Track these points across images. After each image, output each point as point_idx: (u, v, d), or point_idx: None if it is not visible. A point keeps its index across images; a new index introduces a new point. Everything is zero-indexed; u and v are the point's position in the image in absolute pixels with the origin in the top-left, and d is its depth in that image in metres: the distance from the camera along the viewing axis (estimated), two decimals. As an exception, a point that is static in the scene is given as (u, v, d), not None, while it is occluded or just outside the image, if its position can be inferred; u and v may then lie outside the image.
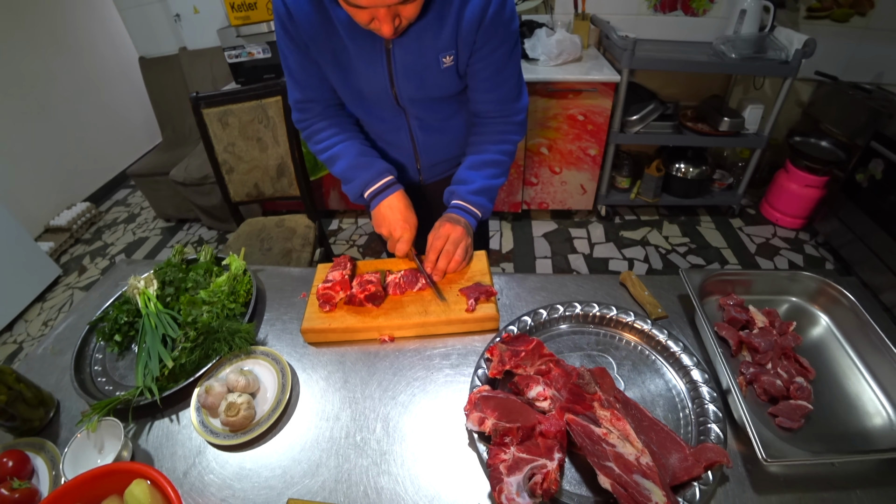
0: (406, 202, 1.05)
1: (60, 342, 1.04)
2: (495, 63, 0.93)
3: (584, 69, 2.30)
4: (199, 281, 1.04)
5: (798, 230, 2.66)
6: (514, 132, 1.05)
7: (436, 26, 0.85)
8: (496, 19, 0.85)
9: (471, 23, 0.85)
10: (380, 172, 1.05)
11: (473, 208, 1.04)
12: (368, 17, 0.76)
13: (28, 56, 3.14)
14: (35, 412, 0.85)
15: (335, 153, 1.05)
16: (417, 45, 0.88)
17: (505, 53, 0.92)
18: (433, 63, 0.90)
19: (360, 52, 0.90)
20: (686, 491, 0.64)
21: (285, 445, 0.77)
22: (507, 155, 1.06)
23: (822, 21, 2.47)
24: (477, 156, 1.05)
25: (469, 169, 1.05)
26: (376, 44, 0.88)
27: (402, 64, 0.90)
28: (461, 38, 0.87)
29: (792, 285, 0.97)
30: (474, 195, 1.03)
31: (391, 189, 1.04)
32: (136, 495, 0.62)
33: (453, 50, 0.89)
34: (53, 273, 2.77)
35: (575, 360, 0.85)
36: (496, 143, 1.05)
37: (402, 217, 1.02)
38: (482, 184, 1.03)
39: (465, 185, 1.04)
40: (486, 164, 1.04)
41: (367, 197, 1.06)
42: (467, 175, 1.05)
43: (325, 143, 1.06)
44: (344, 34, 0.88)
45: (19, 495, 0.72)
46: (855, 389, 0.80)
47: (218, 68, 2.88)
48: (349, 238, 2.88)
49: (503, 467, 0.62)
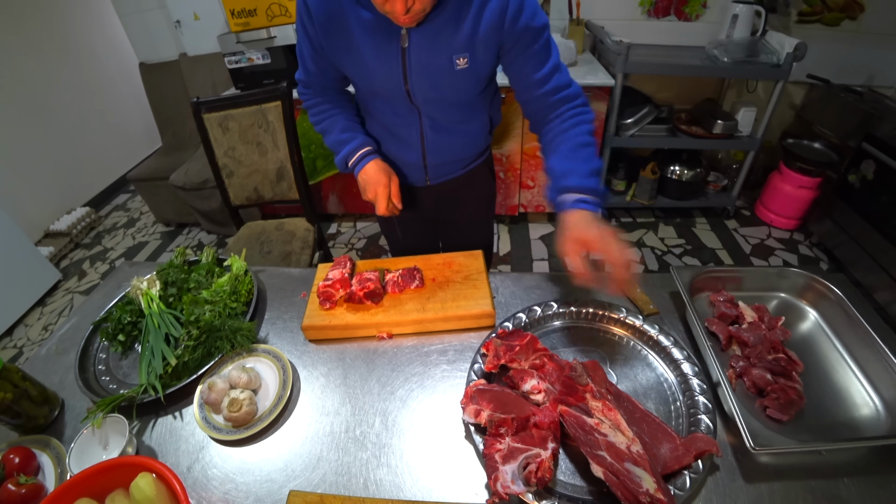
0: (379, 166, 1.09)
1: (64, 342, 1.05)
2: (534, 61, 0.92)
3: (578, 74, 2.33)
4: (201, 281, 1.06)
5: (792, 231, 2.69)
6: (585, 113, 0.97)
7: (452, 27, 0.87)
8: (516, 21, 0.86)
9: (490, 25, 0.86)
10: (359, 145, 1.10)
11: (593, 196, 0.87)
12: None
13: (29, 61, 3.17)
14: (40, 410, 0.86)
15: (324, 127, 1.13)
16: (432, 45, 0.89)
17: (541, 49, 0.91)
18: (447, 64, 0.91)
19: (376, 51, 0.91)
20: (677, 479, 0.66)
21: (287, 440, 0.79)
22: (591, 135, 0.95)
23: (814, 25, 2.51)
24: (563, 145, 0.94)
25: (565, 159, 0.92)
26: (392, 43, 0.90)
27: (416, 63, 0.92)
28: (479, 41, 0.88)
29: (781, 281, 1.00)
30: (587, 178, 0.88)
31: (367, 158, 1.10)
32: (142, 488, 0.63)
33: (468, 52, 0.90)
34: (53, 277, 2.78)
35: (569, 355, 0.87)
36: (575, 126, 0.95)
37: (375, 180, 1.07)
38: (587, 166, 0.90)
39: (570, 176, 0.89)
40: (579, 147, 0.93)
41: (351, 166, 1.12)
42: (566, 166, 0.91)
43: (319, 116, 1.14)
44: (361, 33, 0.90)
45: (26, 490, 0.73)
46: (843, 382, 0.82)
47: (218, 74, 2.91)
48: (348, 241, 2.90)
49: (499, 456, 0.64)
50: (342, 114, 1.14)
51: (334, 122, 1.12)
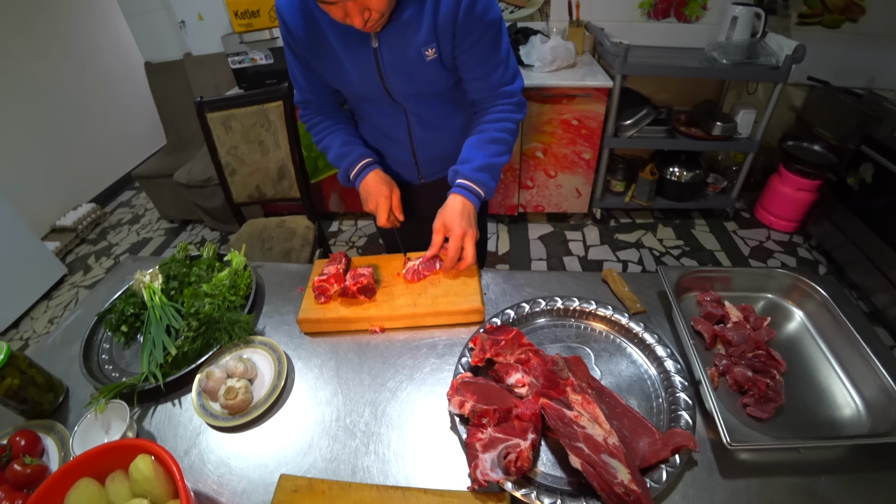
0: (379, 178, 1.13)
1: (69, 333, 1.09)
2: (480, 53, 0.97)
3: (578, 75, 2.35)
4: (201, 275, 1.09)
5: (792, 233, 2.70)
6: (512, 111, 1.07)
7: (415, 22, 0.90)
8: (469, 13, 0.89)
9: (446, 17, 0.89)
10: (358, 157, 1.14)
11: (477, 187, 1.05)
12: (342, 13, 0.81)
13: (36, 60, 3.22)
14: (45, 396, 0.89)
15: (325, 144, 1.17)
16: (400, 41, 0.93)
17: (488, 43, 0.96)
18: (417, 57, 0.95)
19: (351, 55, 0.96)
20: (654, 473, 0.68)
21: (280, 427, 0.82)
22: (509, 133, 1.07)
23: (814, 27, 2.52)
24: (478, 135, 1.07)
25: (471, 148, 1.07)
26: (363, 45, 0.94)
27: (388, 61, 0.96)
28: (440, 32, 0.92)
29: (768, 282, 1.01)
30: (477, 171, 1.05)
31: (368, 169, 1.14)
32: (141, 468, 0.66)
33: (434, 43, 0.93)
34: (59, 272, 2.83)
35: (555, 351, 0.89)
36: (496, 121, 1.07)
37: (376, 191, 1.12)
38: (484, 161, 1.05)
39: (468, 163, 1.05)
40: (488, 142, 1.06)
41: (352, 179, 1.16)
42: (470, 154, 1.06)
43: (319, 135, 1.18)
44: (334, 41, 0.94)
45: (31, 471, 0.76)
46: (826, 382, 0.83)
47: (221, 74, 2.95)
48: (349, 240, 2.94)
49: (479, 445, 0.66)
50: (341, 129, 1.17)
51: (334, 138, 1.16)
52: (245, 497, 0.72)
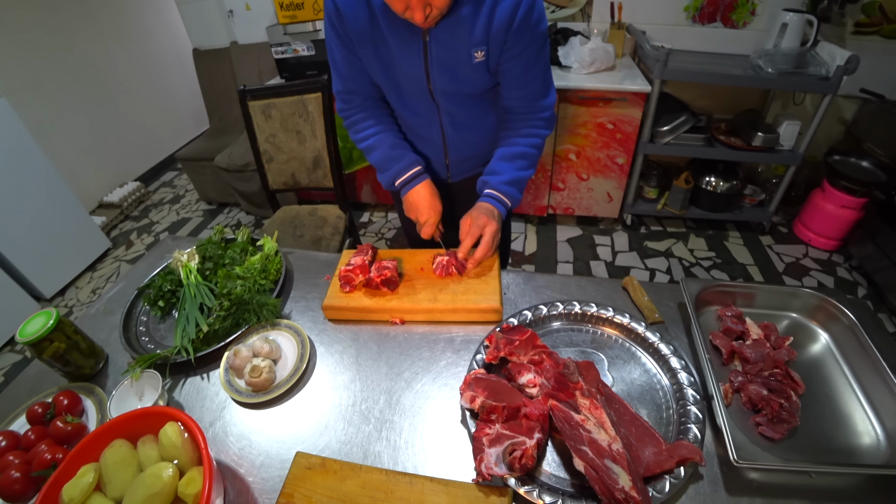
0: (432, 190, 1.16)
1: (111, 304, 1.17)
2: (524, 63, 0.99)
3: (615, 78, 2.31)
4: (235, 258, 1.15)
5: (831, 252, 2.59)
6: (542, 127, 1.11)
7: (469, 22, 0.92)
8: (525, 22, 0.91)
9: (501, 23, 0.91)
10: (409, 164, 1.16)
11: (504, 198, 1.11)
12: (403, 6, 0.83)
13: (94, 44, 3.40)
14: (87, 361, 0.97)
15: (371, 144, 1.17)
16: (451, 39, 0.94)
17: (533, 53, 0.98)
18: (465, 58, 0.96)
19: (400, 45, 0.97)
20: (657, 482, 0.68)
21: (299, 407, 0.87)
22: (536, 148, 1.12)
23: (871, 37, 2.40)
24: (507, 148, 1.12)
25: (500, 160, 1.12)
26: (414, 38, 0.95)
27: (437, 57, 0.97)
28: (492, 37, 0.93)
29: (793, 301, 0.99)
30: (506, 185, 1.10)
31: (419, 178, 1.16)
32: (169, 435, 0.71)
33: (484, 46, 0.95)
34: (104, 246, 3.00)
35: (569, 354, 0.90)
36: (525, 136, 1.11)
37: (428, 203, 1.14)
38: (513, 175, 1.10)
39: (497, 175, 1.11)
40: (516, 157, 1.11)
41: (398, 185, 1.17)
42: (499, 166, 1.12)
43: (364, 133, 1.17)
44: (386, 29, 0.96)
45: (71, 428, 0.83)
46: (846, 407, 0.81)
47: (265, 63, 3.04)
48: (378, 231, 2.99)
49: (486, 440, 0.69)
50: (389, 131, 1.18)
51: (383, 139, 1.16)
52: (262, 470, 0.77)
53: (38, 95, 3.02)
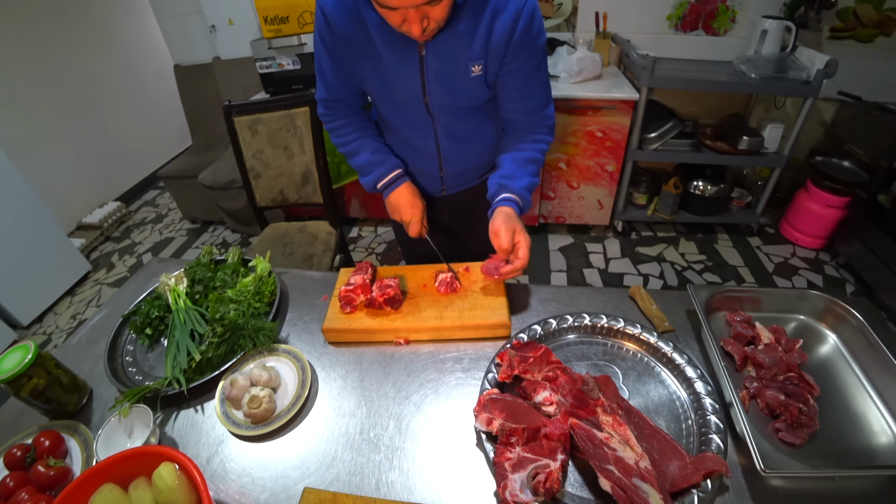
0: (412, 190, 1.16)
1: (95, 332, 1.10)
2: (524, 76, 0.98)
3: (603, 87, 2.33)
4: (226, 280, 1.10)
5: (818, 250, 2.63)
6: (545, 134, 1.09)
7: (467, 36, 0.90)
8: (526, 34, 0.90)
9: (501, 36, 0.89)
10: (390, 167, 1.16)
11: (522, 203, 1.06)
12: (400, 19, 0.81)
13: (72, 59, 3.32)
14: (70, 397, 0.91)
15: (354, 148, 1.17)
16: (449, 52, 0.92)
17: (533, 66, 0.97)
18: (463, 71, 0.95)
19: (396, 59, 0.95)
20: (685, 498, 0.66)
21: (303, 438, 0.82)
22: (542, 154, 1.10)
23: (846, 41, 2.47)
24: (517, 153, 1.08)
25: (514, 165, 1.07)
26: (411, 51, 0.93)
27: (434, 71, 0.95)
28: (491, 50, 0.92)
29: (800, 304, 0.98)
30: (525, 190, 1.06)
31: (400, 181, 1.16)
32: (164, 476, 0.66)
33: (482, 60, 0.94)
34: (83, 269, 2.90)
35: (582, 368, 0.87)
36: (532, 142, 1.08)
37: (409, 203, 1.15)
38: (528, 181, 1.07)
39: (514, 179, 1.06)
40: (528, 161, 1.08)
41: (380, 188, 1.17)
42: (513, 170, 1.07)
43: (346, 137, 1.17)
44: (379, 42, 0.93)
45: (54, 472, 0.77)
46: (861, 408, 0.81)
47: (249, 78, 3.00)
48: (368, 245, 2.95)
49: (508, 465, 0.65)
50: (370, 136, 1.18)
51: (364, 143, 1.16)
52: (268, 508, 0.72)
53: (13, 113, 2.92)
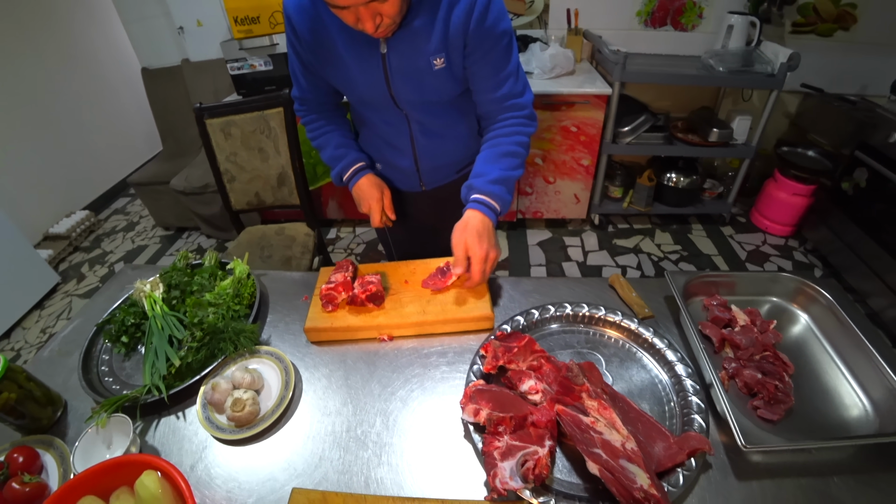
0: (372, 181, 1.18)
1: (67, 344, 1.06)
2: (490, 64, 0.97)
3: (577, 82, 2.36)
4: (204, 284, 1.07)
5: (787, 237, 2.72)
6: (525, 125, 1.06)
7: (426, 30, 0.90)
8: (481, 22, 0.89)
9: (457, 27, 0.89)
10: (353, 160, 1.18)
11: (492, 201, 1.01)
12: (353, 18, 0.81)
13: (32, 65, 3.19)
14: (44, 411, 0.87)
15: (321, 143, 1.20)
16: (410, 48, 0.92)
17: (499, 54, 0.96)
18: (425, 66, 0.94)
19: (358, 59, 0.95)
20: (670, 476, 0.67)
21: (289, 439, 0.81)
22: (523, 146, 1.05)
23: (808, 36, 2.56)
24: (492, 149, 1.05)
25: (485, 162, 1.04)
26: (373, 52, 0.93)
27: (397, 68, 0.95)
28: (450, 42, 0.92)
29: (773, 286, 1.02)
30: (493, 184, 1.01)
31: (361, 173, 1.18)
32: (147, 485, 0.64)
33: (443, 53, 0.93)
34: (52, 281, 2.79)
35: (565, 357, 0.89)
36: (509, 135, 1.05)
37: (368, 194, 1.16)
38: (500, 174, 1.02)
39: (482, 176, 1.02)
40: (502, 156, 1.03)
41: (345, 181, 1.19)
42: (484, 168, 1.03)
43: (316, 132, 1.20)
44: (342, 44, 0.94)
45: (30, 489, 0.74)
46: (833, 383, 0.84)
47: (220, 80, 2.94)
48: (347, 247, 2.92)
49: (497, 454, 0.65)
50: (337, 130, 1.19)
51: (329, 138, 1.18)
52: (255, 511, 0.71)
53: (-29, 123, 2.80)
